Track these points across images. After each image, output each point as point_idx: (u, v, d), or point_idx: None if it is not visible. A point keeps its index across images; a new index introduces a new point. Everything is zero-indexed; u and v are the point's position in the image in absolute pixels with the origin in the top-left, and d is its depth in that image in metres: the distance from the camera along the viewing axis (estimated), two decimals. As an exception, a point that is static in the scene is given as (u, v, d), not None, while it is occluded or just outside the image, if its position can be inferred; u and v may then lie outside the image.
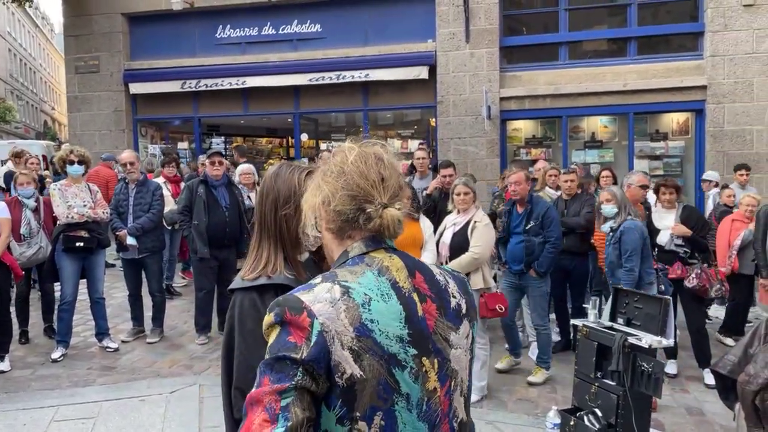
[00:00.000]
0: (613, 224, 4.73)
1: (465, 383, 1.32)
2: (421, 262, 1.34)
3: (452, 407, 1.28)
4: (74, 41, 11.40)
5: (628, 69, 9.44)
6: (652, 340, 3.48)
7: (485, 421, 4.28)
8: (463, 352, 1.30)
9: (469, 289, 1.39)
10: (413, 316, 1.22)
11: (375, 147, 1.34)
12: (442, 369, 1.24)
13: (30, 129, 42.32)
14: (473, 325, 1.35)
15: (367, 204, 1.25)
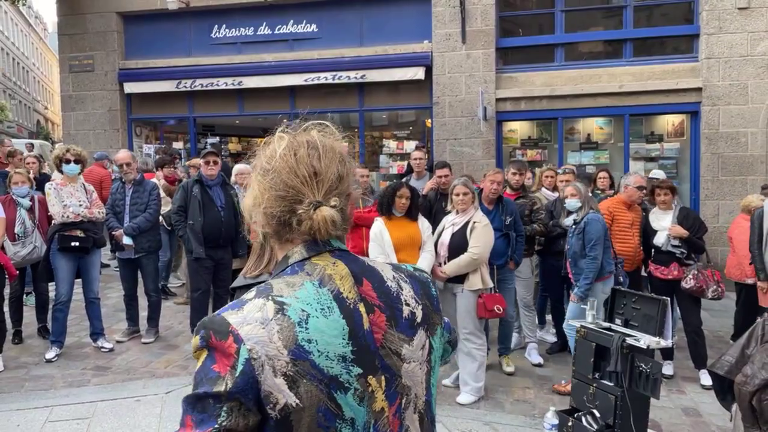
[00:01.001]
0: (576, 217, 4.89)
1: (421, 399, 1.18)
2: (371, 266, 1.19)
3: (403, 426, 1.15)
4: (68, 40, 11.33)
5: (624, 71, 9.47)
6: (650, 340, 3.49)
7: (483, 422, 4.28)
8: (417, 365, 1.16)
9: (433, 291, 1.26)
10: (358, 330, 1.09)
11: (309, 133, 1.20)
12: (390, 386, 1.12)
13: (23, 128, 42.09)
14: (433, 334, 1.22)
15: (297, 204, 1.12)
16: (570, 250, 4.92)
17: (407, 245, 4.70)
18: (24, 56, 47.22)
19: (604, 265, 4.78)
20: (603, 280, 4.79)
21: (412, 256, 4.70)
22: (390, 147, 10.82)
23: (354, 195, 1.24)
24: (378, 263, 1.23)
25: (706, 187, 8.97)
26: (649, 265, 5.36)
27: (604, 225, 4.83)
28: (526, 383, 5.07)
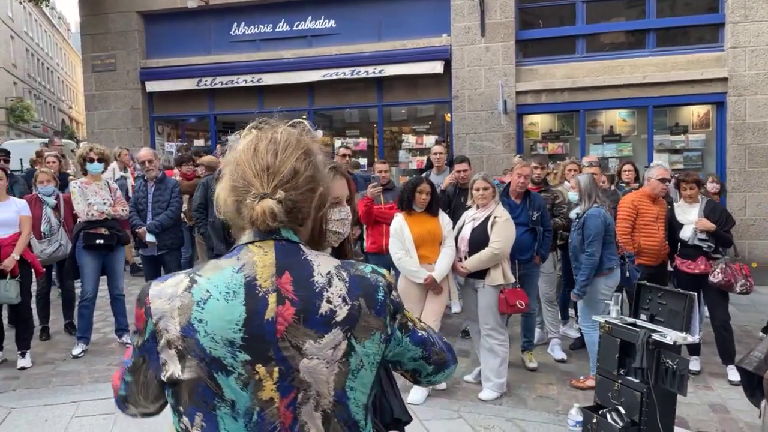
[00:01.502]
0: (579, 211, 4.82)
1: (325, 398, 1.16)
2: (306, 260, 1.20)
3: (298, 422, 1.15)
4: (90, 40, 11.48)
5: (647, 61, 9.30)
6: (676, 336, 3.42)
7: (505, 418, 4.25)
8: (323, 363, 1.14)
9: (379, 296, 1.21)
10: (256, 318, 1.12)
11: (277, 129, 1.26)
12: (284, 379, 1.13)
13: (48, 128, 42.82)
14: (363, 338, 1.18)
15: (246, 195, 1.18)
16: (571, 245, 4.88)
17: (428, 241, 4.68)
18: (48, 57, 48.01)
19: (603, 261, 4.69)
20: (604, 275, 4.71)
21: (433, 252, 4.67)
22: (409, 142, 10.78)
23: (326, 191, 1.28)
24: (324, 258, 1.23)
25: (732, 179, 8.79)
26: (675, 260, 5.26)
27: (606, 219, 4.72)
28: (549, 379, 5.02)
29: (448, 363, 1.38)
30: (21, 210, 5.29)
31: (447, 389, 4.76)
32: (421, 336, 1.32)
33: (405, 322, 1.30)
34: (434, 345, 1.35)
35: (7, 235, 5.16)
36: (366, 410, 1.23)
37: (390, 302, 1.24)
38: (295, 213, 1.21)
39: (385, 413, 1.92)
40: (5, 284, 5.05)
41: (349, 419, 1.19)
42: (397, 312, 1.26)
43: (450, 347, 1.41)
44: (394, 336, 1.25)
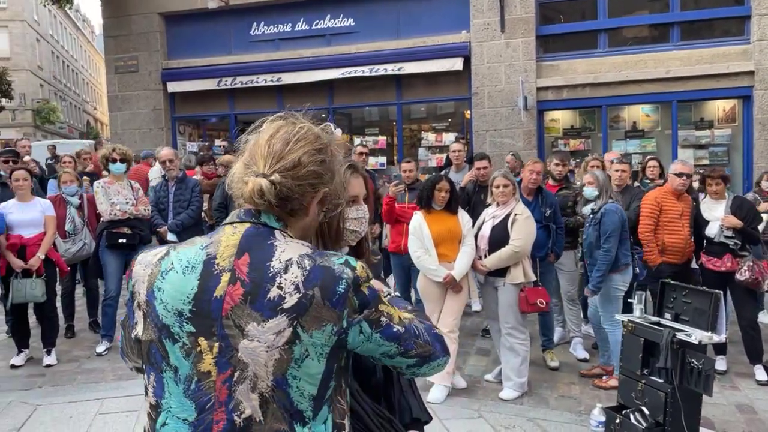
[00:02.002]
0: (594, 206, 4.74)
1: (263, 381, 1.17)
2: (269, 245, 1.23)
3: (233, 399, 1.18)
4: (113, 42, 11.64)
5: (671, 55, 9.14)
6: (702, 335, 3.35)
7: (526, 418, 4.20)
8: (263, 347, 1.16)
9: (339, 288, 1.20)
10: (206, 295, 1.19)
11: (301, 123, 1.33)
12: (223, 355, 1.17)
13: (73, 129, 43.60)
14: (312, 327, 1.18)
15: (249, 172, 1.26)
16: (586, 241, 4.80)
17: (447, 239, 4.65)
18: (73, 59, 48.86)
19: (619, 257, 4.65)
20: (619, 271, 4.67)
21: (452, 250, 4.64)
22: (429, 139, 10.75)
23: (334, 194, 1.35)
24: (294, 246, 1.24)
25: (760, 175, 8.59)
26: (701, 257, 5.16)
27: (622, 216, 4.69)
28: (571, 378, 4.96)
29: (434, 355, 1.33)
30: (46, 210, 5.38)
31: (467, 388, 4.73)
32: (396, 332, 1.26)
33: (377, 318, 1.25)
34: (417, 337, 1.30)
35: (33, 234, 5.25)
36: (317, 402, 1.22)
37: (353, 296, 1.21)
38: (287, 201, 1.26)
39: (404, 413, 1.90)
40: (31, 283, 5.14)
41: (291, 407, 1.20)
42: (366, 306, 1.23)
43: (439, 338, 1.36)
44: (352, 330, 1.21)
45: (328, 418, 1.25)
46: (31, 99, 36.39)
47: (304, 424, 1.22)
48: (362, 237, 1.84)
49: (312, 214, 1.35)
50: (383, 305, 1.27)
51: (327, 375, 1.23)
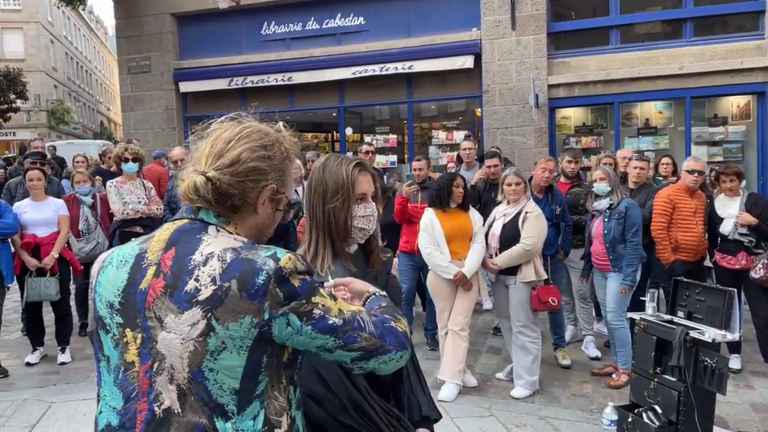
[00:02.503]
0: (611, 201, 4.71)
1: (180, 373, 1.18)
2: (197, 239, 1.25)
3: (153, 390, 1.20)
4: (126, 42, 11.73)
5: (684, 51, 9.05)
6: (715, 333, 3.32)
7: (538, 416, 4.19)
8: (179, 338, 1.17)
9: (258, 280, 1.18)
10: (133, 287, 1.23)
11: (251, 124, 1.37)
12: (145, 346, 1.20)
13: (87, 129, 44.00)
14: (228, 320, 1.17)
15: (191, 170, 1.30)
16: (608, 235, 4.70)
17: (458, 236, 4.64)
18: (87, 60, 49.29)
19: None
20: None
21: (463, 248, 4.63)
22: (439, 138, 10.73)
23: (281, 189, 1.36)
24: (222, 240, 1.25)
25: (775, 171, 8.50)
26: (715, 255, 5.11)
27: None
28: (583, 377, 4.93)
29: (383, 349, 1.29)
30: (59, 209, 5.44)
31: (478, 387, 4.72)
32: (332, 324, 1.23)
33: (308, 310, 1.21)
34: (361, 330, 1.27)
35: (47, 234, 5.31)
36: (242, 396, 1.20)
37: (276, 287, 1.18)
38: (226, 197, 1.28)
39: (414, 410, 1.90)
40: (45, 282, 5.20)
41: (209, 400, 1.19)
42: (294, 299, 1.20)
43: (393, 332, 1.32)
44: (276, 322, 1.19)
45: (259, 414, 1.23)
46: (45, 100, 36.76)
47: (227, 418, 1.20)
48: (371, 234, 1.84)
49: (263, 211, 1.35)
50: (318, 297, 1.24)
51: (251, 369, 1.21)
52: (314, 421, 1.67)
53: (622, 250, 4.63)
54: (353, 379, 1.67)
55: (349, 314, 1.27)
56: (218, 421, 1.19)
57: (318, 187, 1.78)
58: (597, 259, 4.81)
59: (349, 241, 1.79)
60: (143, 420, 1.20)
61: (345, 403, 1.64)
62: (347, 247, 1.80)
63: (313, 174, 1.82)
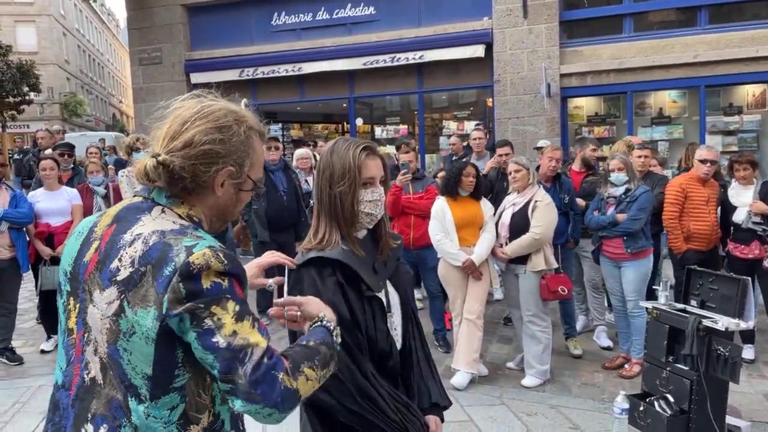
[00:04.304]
0: (630, 186, 4.69)
1: (101, 346, 1.21)
2: (136, 218, 1.26)
3: (84, 358, 1.26)
4: (137, 34, 11.75)
5: (699, 39, 8.92)
6: (729, 322, 3.28)
7: (548, 405, 4.18)
8: (99, 314, 1.21)
9: (166, 271, 1.15)
10: (80, 259, 1.28)
11: (207, 103, 1.35)
12: (80, 315, 1.26)
13: (100, 121, 44.28)
14: (137, 305, 1.16)
15: (147, 152, 1.33)
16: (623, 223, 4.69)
17: (469, 225, 4.63)
18: (99, 53, 49.53)
19: (646, 232, 4.69)
20: (645, 255, 4.68)
21: (473, 235, 4.62)
22: (450, 128, 10.68)
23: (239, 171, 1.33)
24: (158, 222, 1.25)
25: (791, 160, 8.38)
26: (728, 244, 5.06)
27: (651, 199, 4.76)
28: (594, 367, 4.92)
29: (251, 398, 1.14)
30: (72, 199, 5.49)
31: (489, 375, 4.72)
32: (215, 343, 1.14)
33: (201, 317, 1.14)
34: (241, 365, 1.14)
35: (60, 223, 5.36)
36: (155, 384, 1.19)
37: (179, 283, 1.14)
38: (179, 180, 1.28)
39: (423, 397, 1.90)
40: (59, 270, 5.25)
41: (124, 379, 1.20)
42: (192, 300, 1.14)
43: (271, 384, 1.15)
44: (171, 320, 1.15)
45: (178, 407, 1.21)
46: (58, 92, 37.02)
47: (140, 401, 1.20)
48: (380, 220, 1.83)
49: (223, 193, 1.34)
50: (219, 309, 1.15)
51: (163, 361, 1.18)
52: (320, 405, 1.67)
53: (624, 223, 4.61)
54: (360, 365, 1.67)
55: (240, 342, 1.15)
56: (131, 401, 1.20)
57: (325, 170, 1.76)
58: (610, 248, 4.77)
59: (357, 226, 1.78)
60: (76, 384, 1.26)
61: (351, 388, 1.64)
62: (355, 233, 1.79)
63: (322, 158, 1.81)
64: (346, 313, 1.67)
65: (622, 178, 4.70)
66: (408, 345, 1.89)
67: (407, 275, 2.09)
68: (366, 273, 1.73)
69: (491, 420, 3.98)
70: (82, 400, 1.24)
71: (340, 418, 1.67)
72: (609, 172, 4.80)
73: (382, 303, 1.79)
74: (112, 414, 1.21)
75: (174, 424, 1.21)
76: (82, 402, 1.25)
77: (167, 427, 1.21)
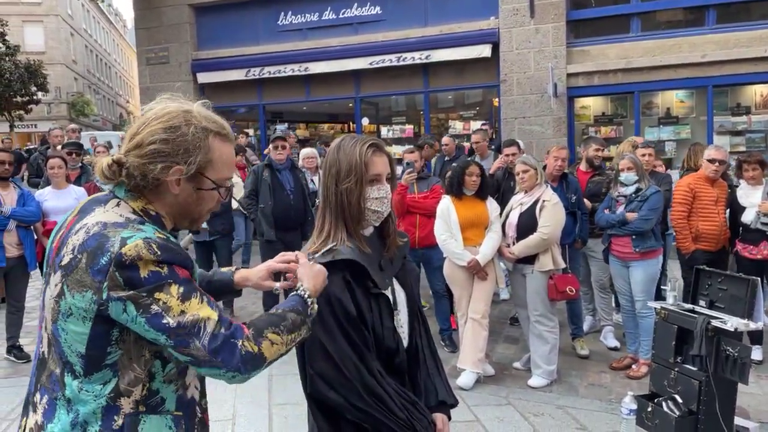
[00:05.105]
0: (641, 185, 4.67)
1: (48, 326, 1.34)
2: (93, 210, 1.37)
3: (41, 333, 1.39)
4: (145, 34, 11.79)
5: (707, 39, 8.87)
6: (738, 322, 3.26)
7: (555, 405, 4.16)
8: (49, 295, 1.33)
9: (101, 258, 1.24)
10: (52, 243, 1.40)
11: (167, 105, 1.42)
12: (43, 295, 1.38)
13: (107, 121, 44.46)
14: (74, 290, 1.26)
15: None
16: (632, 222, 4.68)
17: (474, 224, 4.61)
18: (106, 53, 49.75)
19: (657, 236, 4.68)
20: (655, 255, 4.66)
21: (478, 235, 4.60)
22: (456, 128, 10.66)
23: (190, 170, 1.37)
24: (107, 215, 1.33)
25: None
26: (737, 245, 5.02)
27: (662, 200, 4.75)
28: (601, 367, 4.89)
29: (213, 364, 1.27)
30: (80, 197, 5.50)
31: (495, 375, 4.70)
32: (165, 324, 1.25)
33: (146, 303, 1.24)
34: (196, 339, 1.26)
35: (68, 221, 5.37)
36: (87, 362, 1.29)
37: (116, 272, 1.23)
38: (133, 177, 1.36)
39: (430, 395, 1.89)
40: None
41: (62, 355, 1.32)
42: (134, 287, 1.24)
43: (232, 350, 1.29)
44: (113, 305, 1.24)
45: (110, 381, 1.31)
46: (66, 92, 37.21)
47: (75, 377, 1.31)
48: (387, 217, 1.82)
49: (180, 191, 1.40)
50: (162, 294, 1.25)
51: (97, 339, 1.28)
52: (326, 402, 1.66)
53: (635, 222, 4.59)
54: (366, 362, 1.66)
55: (189, 319, 1.26)
56: (67, 376, 1.32)
57: (332, 168, 1.75)
58: (619, 247, 4.74)
59: (363, 223, 1.76)
60: (37, 355, 1.41)
61: (357, 386, 1.63)
62: (362, 230, 1.78)
63: (328, 155, 1.79)
64: (352, 310, 1.66)
65: (632, 177, 4.68)
66: (414, 343, 1.88)
67: (414, 273, 2.09)
68: (373, 270, 1.73)
69: (498, 420, 3.97)
70: (38, 370, 1.39)
71: (348, 416, 1.67)
72: (619, 172, 4.78)
73: (389, 300, 1.78)
74: (51, 386, 1.34)
75: (104, 397, 1.31)
76: (38, 372, 1.39)
77: (97, 399, 1.31)
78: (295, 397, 3.28)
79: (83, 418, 1.30)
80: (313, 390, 1.67)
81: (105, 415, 1.30)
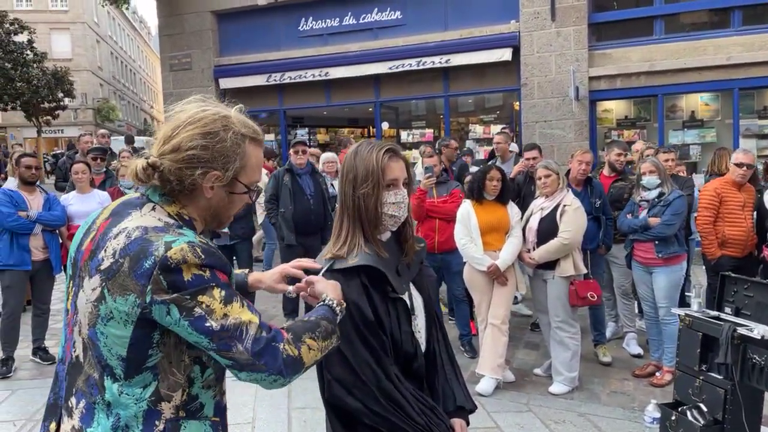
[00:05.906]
0: (663, 190, 4.61)
1: (83, 328, 1.32)
2: (128, 213, 1.35)
3: (73, 337, 1.37)
4: (168, 40, 11.96)
5: (732, 41, 8.73)
6: (765, 330, 3.18)
7: (577, 413, 4.11)
8: (85, 299, 1.31)
9: (145, 262, 1.23)
10: (79, 246, 1.38)
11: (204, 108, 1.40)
12: (74, 299, 1.36)
13: (132, 126, 45.20)
14: (116, 293, 1.25)
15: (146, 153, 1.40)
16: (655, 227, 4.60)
17: (494, 229, 4.58)
18: (131, 59, 50.61)
19: (680, 238, 4.61)
20: (679, 261, 4.59)
21: (498, 240, 4.57)
22: (476, 132, 10.63)
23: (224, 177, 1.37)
24: (145, 219, 1.33)
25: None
26: (764, 250, 4.91)
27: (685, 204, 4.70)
28: (623, 374, 4.82)
29: (256, 368, 1.28)
30: (103, 202, 5.58)
31: (515, 382, 4.66)
32: (209, 327, 1.24)
33: (190, 306, 1.24)
34: (239, 342, 1.27)
35: (92, 225, 5.45)
36: (129, 364, 1.29)
37: (160, 275, 1.23)
38: (166, 181, 1.35)
39: (448, 400, 1.88)
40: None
41: (101, 359, 1.31)
42: (177, 290, 1.23)
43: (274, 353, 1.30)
44: (156, 308, 1.24)
45: (150, 384, 1.30)
46: (91, 98, 37.92)
47: (115, 380, 1.30)
48: (404, 222, 1.81)
49: (213, 195, 1.40)
50: (206, 297, 1.25)
51: (138, 342, 1.28)
52: (344, 408, 1.66)
53: (660, 229, 4.53)
54: (384, 367, 1.65)
55: (232, 322, 1.27)
56: (106, 379, 1.31)
57: (349, 173, 1.76)
58: (641, 252, 4.67)
59: (380, 228, 1.76)
60: (68, 361, 1.38)
61: (375, 391, 1.63)
62: (379, 235, 1.78)
63: (346, 160, 1.80)
64: (370, 315, 1.66)
65: (654, 181, 4.61)
66: (432, 348, 1.88)
67: (431, 279, 2.08)
68: (390, 275, 1.72)
69: (518, 427, 3.93)
70: (70, 375, 1.37)
71: (365, 421, 1.66)
72: (641, 176, 4.71)
73: (407, 305, 1.78)
74: (89, 390, 1.32)
75: (145, 401, 1.30)
76: (70, 376, 1.37)
77: (138, 403, 1.30)
78: (315, 400, 3.29)
79: (125, 422, 1.30)
80: (330, 395, 1.66)
81: (146, 419, 1.30)
